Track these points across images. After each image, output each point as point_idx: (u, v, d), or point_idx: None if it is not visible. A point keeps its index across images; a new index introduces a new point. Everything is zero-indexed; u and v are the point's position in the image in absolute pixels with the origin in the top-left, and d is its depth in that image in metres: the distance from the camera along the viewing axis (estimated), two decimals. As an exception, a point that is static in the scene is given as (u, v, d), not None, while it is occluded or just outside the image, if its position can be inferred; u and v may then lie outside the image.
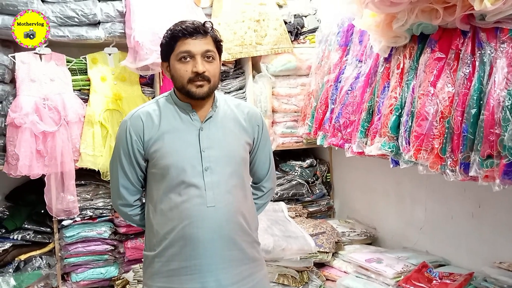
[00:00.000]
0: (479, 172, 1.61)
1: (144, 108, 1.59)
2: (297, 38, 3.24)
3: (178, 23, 1.53)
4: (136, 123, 1.55)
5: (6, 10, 2.57)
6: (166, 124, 1.54)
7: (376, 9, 1.92)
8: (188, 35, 1.49)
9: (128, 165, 1.56)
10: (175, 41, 1.50)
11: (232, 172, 1.56)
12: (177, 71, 1.52)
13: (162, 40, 1.56)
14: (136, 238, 2.99)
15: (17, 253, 2.77)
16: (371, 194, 3.05)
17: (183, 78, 1.51)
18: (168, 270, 1.51)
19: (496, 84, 1.57)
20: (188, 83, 1.50)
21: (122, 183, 1.59)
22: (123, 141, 1.55)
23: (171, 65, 1.54)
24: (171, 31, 1.52)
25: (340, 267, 2.63)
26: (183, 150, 1.52)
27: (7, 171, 2.64)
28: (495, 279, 1.96)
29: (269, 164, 1.78)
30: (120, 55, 2.91)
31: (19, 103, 2.60)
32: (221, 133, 1.57)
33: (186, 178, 1.49)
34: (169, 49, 1.52)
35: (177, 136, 1.53)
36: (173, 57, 1.52)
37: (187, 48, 1.49)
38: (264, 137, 1.73)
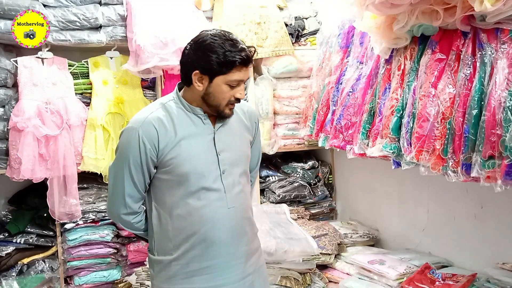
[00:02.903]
0: (480, 173, 1.61)
1: (153, 114, 1.52)
2: (298, 40, 3.25)
3: (234, 44, 1.46)
4: (149, 130, 1.48)
5: (8, 14, 2.58)
6: (181, 130, 1.51)
7: (377, 11, 1.92)
8: (244, 64, 1.48)
9: (137, 173, 1.51)
10: (231, 66, 1.46)
11: (241, 172, 1.62)
12: (221, 93, 1.49)
13: (207, 51, 1.45)
14: (139, 241, 2.99)
15: (20, 256, 2.78)
16: (373, 195, 3.05)
17: (224, 100, 1.51)
18: (188, 271, 1.54)
19: (497, 85, 1.57)
20: (226, 105, 1.52)
21: (128, 192, 1.54)
22: (135, 150, 1.49)
23: (213, 83, 1.48)
24: (229, 54, 1.44)
25: (343, 269, 2.63)
26: (201, 156, 1.52)
27: (10, 175, 2.65)
28: (498, 280, 1.96)
29: (259, 156, 1.87)
30: (121, 58, 2.93)
31: (21, 107, 2.61)
32: (231, 135, 1.60)
33: (206, 183, 1.51)
34: (220, 71, 1.46)
35: (193, 141, 1.52)
36: (221, 78, 1.47)
37: (241, 77, 1.49)
38: (259, 132, 1.81)
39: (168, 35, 2.74)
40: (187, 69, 1.50)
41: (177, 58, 2.78)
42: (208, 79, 1.48)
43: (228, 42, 1.46)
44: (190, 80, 1.50)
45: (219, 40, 1.45)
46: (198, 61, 1.47)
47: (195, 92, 1.52)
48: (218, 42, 1.45)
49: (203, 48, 1.46)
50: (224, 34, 1.48)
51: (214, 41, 1.45)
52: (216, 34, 1.47)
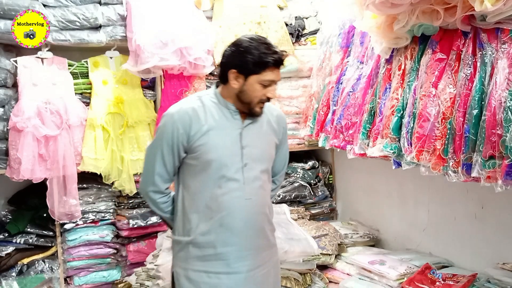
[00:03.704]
0: (481, 173, 1.60)
1: (189, 104, 1.67)
2: (298, 40, 3.25)
3: (268, 47, 1.60)
4: (183, 117, 1.63)
5: (8, 15, 2.58)
6: (212, 121, 1.65)
7: (377, 11, 1.92)
8: (277, 65, 1.62)
9: (168, 155, 1.65)
10: (264, 67, 1.60)
11: (263, 169, 1.73)
12: (254, 92, 1.63)
13: (244, 52, 1.59)
14: (138, 241, 2.99)
15: (20, 256, 2.78)
16: (373, 195, 3.05)
17: (256, 98, 1.64)
18: (203, 255, 1.66)
19: (497, 85, 1.57)
20: (257, 103, 1.66)
21: (158, 171, 1.67)
22: (169, 132, 1.63)
23: (248, 82, 1.62)
24: (264, 55, 1.58)
25: (343, 269, 2.62)
26: (226, 147, 1.65)
27: (10, 175, 2.65)
28: (499, 280, 1.96)
29: (285, 161, 1.96)
30: (121, 58, 2.92)
31: (21, 107, 2.61)
32: (257, 133, 1.73)
33: (227, 173, 1.64)
34: (255, 70, 1.60)
35: (221, 133, 1.65)
36: (255, 78, 1.61)
37: (273, 78, 1.63)
38: (286, 137, 1.93)
39: (168, 35, 2.74)
40: (225, 68, 1.65)
41: (177, 58, 2.78)
42: (243, 77, 1.62)
43: (263, 45, 1.60)
44: (227, 78, 1.64)
45: (255, 43, 1.60)
46: (235, 61, 1.62)
47: (230, 90, 1.65)
48: (254, 45, 1.59)
49: (240, 49, 1.61)
50: (260, 39, 1.63)
51: (250, 44, 1.60)
52: (253, 38, 1.62)
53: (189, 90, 2.97)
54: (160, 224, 2.99)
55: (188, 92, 2.97)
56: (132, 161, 2.88)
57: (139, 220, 2.92)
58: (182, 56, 2.80)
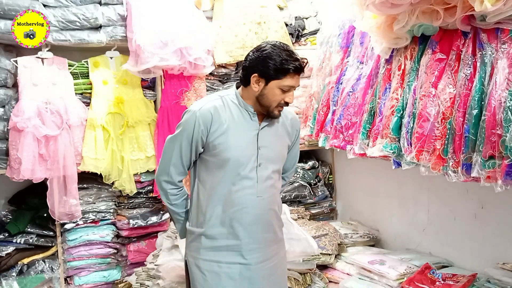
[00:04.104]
0: (481, 173, 1.61)
1: (212, 103, 1.74)
2: (298, 40, 3.25)
3: (290, 54, 1.67)
4: (205, 114, 1.70)
5: (9, 15, 2.58)
6: (231, 121, 1.73)
7: (377, 11, 1.92)
8: (298, 72, 1.69)
9: (187, 148, 1.72)
10: (285, 73, 1.67)
11: (276, 169, 1.82)
12: (273, 96, 1.70)
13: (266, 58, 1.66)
14: (139, 241, 2.99)
15: (20, 256, 2.78)
16: (373, 195, 3.05)
17: (275, 102, 1.71)
18: (215, 246, 1.75)
19: (497, 85, 1.57)
20: (276, 107, 1.73)
21: (174, 162, 1.75)
22: (190, 127, 1.70)
23: (268, 86, 1.69)
24: (285, 62, 1.65)
25: (343, 269, 2.62)
26: (243, 147, 1.73)
27: (10, 175, 2.65)
28: (499, 280, 1.96)
29: (295, 159, 2.05)
30: (121, 58, 2.92)
31: (21, 107, 2.61)
32: (273, 135, 1.81)
33: (243, 171, 1.72)
34: (276, 76, 1.67)
35: (240, 133, 1.73)
36: (275, 83, 1.68)
37: (293, 84, 1.70)
38: (298, 139, 2.01)
39: (168, 35, 2.74)
40: (248, 72, 1.72)
41: (177, 58, 2.78)
42: (264, 82, 1.69)
43: (285, 52, 1.67)
44: (249, 81, 1.72)
45: (277, 50, 1.67)
46: (257, 66, 1.69)
47: (251, 92, 1.73)
48: (277, 52, 1.66)
49: (263, 55, 1.68)
50: (282, 46, 1.69)
51: (273, 50, 1.67)
52: (276, 45, 1.69)
53: (189, 90, 2.97)
54: (160, 224, 2.99)
55: (188, 92, 2.97)
56: (132, 161, 2.88)
57: (139, 220, 2.92)
58: (182, 56, 2.80)
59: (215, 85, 3.11)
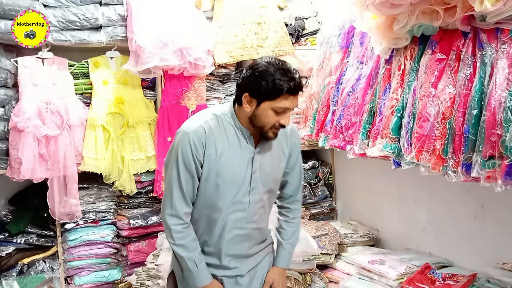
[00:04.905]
0: (481, 173, 1.61)
1: (206, 123, 1.62)
2: (298, 40, 3.25)
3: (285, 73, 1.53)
4: (201, 136, 1.59)
5: (9, 15, 2.58)
6: (226, 144, 1.63)
7: (377, 11, 1.93)
8: (293, 93, 1.55)
9: (185, 174, 1.61)
10: (278, 93, 1.53)
11: (267, 190, 1.75)
12: (266, 117, 1.58)
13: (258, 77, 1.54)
14: (139, 241, 3.00)
15: (20, 256, 2.78)
16: (373, 195, 3.05)
17: (268, 124, 1.59)
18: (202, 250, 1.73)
19: (497, 85, 1.57)
20: (270, 129, 1.61)
21: (175, 191, 1.62)
22: (186, 152, 1.59)
23: (260, 107, 1.57)
24: (278, 81, 1.52)
25: (343, 269, 2.63)
26: (237, 172, 1.64)
27: (10, 175, 2.65)
28: (499, 280, 1.96)
29: (299, 180, 1.90)
30: (122, 58, 2.93)
31: (21, 107, 2.61)
32: (268, 158, 1.72)
33: (236, 196, 1.66)
34: (267, 96, 1.54)
35: (234, 157, 1.64)
36: (268, 104, 1.56)
37: (287, 105, 1.56)
38: (298, 154, 1.87)
39: (168, 35, 2.74)
40: (239, 90, 1.61)
41: (177, 58, 2.78)
42: (256, 102, 1.57)
43: (279, 71, 1.54)
44: (241, 101, 1.61)
45: (271, 68, 1.54)
46: (249, 85, 1.57)
47: (244, 112, 1.62)
48: (270, 70, 1.53)
49: (255, 73, 1.56)
50: (278, 63, 1.56)
51: (266, 68, 1.54)
52: (270, 62, 1.56)
53: (189, 90, 2.98)
54: (160, 224, 2.99)
55: (188, 92, 2.97)
56: (132, 161, 2.88)
57: (140, 220, 2.92)
58: (182, 56, 2.80)
59: (215, 85, 3.11)
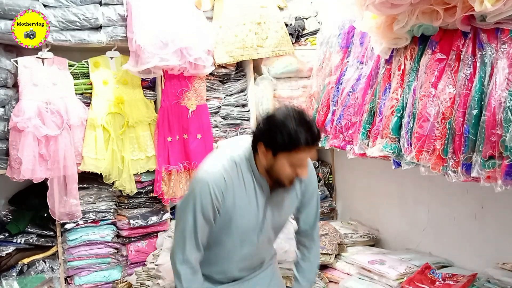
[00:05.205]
0: (481, 173, 1.61)
1: (226, 171, 1.57)
2: (298, 40, 3.25)
3: (303, 127, 1.46)
4: (220, 185, 1.54)
5: (9, 15, 2.58)
6: (243, 191, 1.59)
7: (377, 11, 1.93)
8: (310, 145, 1.49)
9: (202, 222, 1.56)
10: (295, 146, 1.46)
11: (277, 230, 1.77)
12: (282, 169, 1.52)
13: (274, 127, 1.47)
14: (139, 241, 2.99)
15: (20, 256, 2.78)
16: (373, 195, 3.05)
17: (285, 176, 1.54)
18: None
19: (497, 85, 1.57)
20: (286, 181, 1.56)
21: (188, 238, 1.57)
22: (205, 201, 1.54)
23: (276, 158, 1.51)
24: (295, 134, 1.45)
25: (343, 269, 2.63)
26: (250, 216, 1.63)
27: (10, 175, 2.65)
28: (499, 280, 1.96)
29: (314, 217, 1.86)
30: (122, 58, 2.92)
31: (21, 107, 2.61)
32: (281, 201, 1.70)
33: (246, 237, 1.65)
34: (283, 148, 1.48)
35: (248, 204, 1.61)
36: (284, 155, 1.49)
37: (304, 158, 1.51)
38: (313, 189, 1.81)
39: (168, 35, 2.74)
40: (256, 139, 1.56)
41: (177, 58, 2.78)
42: (271, 153, 1.51)
43: (297, 122, 1.46)
44: (257, 150, 1.56)
45: (288, 119, 1.46)
46: (265, 135, 1.51)
47: (260, 162, 1.57)
48: (287, 121, 1.46)
49: (272, 123, 1.49)
50: (295, 114, 1.48)
51: (284, 119, 1.47)
52: (288, 113, 1.48)
53: (189, 90, 2.98)
54: (160, 224, 2.99)
55: (188, 92, 2.97)
56: (132, 161, 2.88)
57: (140, 220, 2.92)
58: (183, 56, 2.80)
59: (215, 85, 3.11)
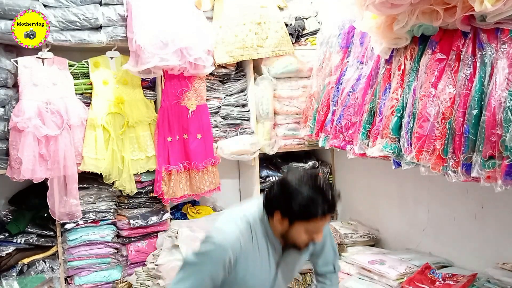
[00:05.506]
0: (481, 173, 1.61)
1: (242, 235, 1.55)
2: (298, 40, 3.25)
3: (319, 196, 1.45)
4: (235, 247, 1.52)
5: (9, 15, 2.58)
6: (256, 253, 1.59)
7: (377, 11, 1.93)
8: (327, 214, 1.48)
9: (209, 281, 1.53)
10: (312, 216, 1.46)
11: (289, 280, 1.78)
12: (299, 236, 1.52)
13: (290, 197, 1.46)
14: (139, 241, 2.99)
15: (20, 256, 2.78)
16: (373, 195, 3.05)
17: (301, 242, 1.54)
18: None
19: (497, 85, 1.57)
20: (302, 245, 1.56)
21: None
22: (217, 265, 1.51)
23: (293, 226, 1.50)
24: (312, 204, 1.44)
25: (343, 269, 2.62)
26: (262, 275, 1.62)
27: (10, 175, 2.65)
28: (499, 280, 1.96)
29: (332, 255, 1.89)
30: (122, 58, 2.92)
31: (21, 107, 2.61)
32: (293, 260, 1.71)
33: None
34: (300, 217, 1.47)
35: (261, 264, 1.61)
36: (301, 224, 1.49)
37: (321, 226, 1.51)
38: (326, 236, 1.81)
39: (168, 35, 2.74)
40: (270, 206, 1.54)
41: (177, 58, 2.78)
42: (287, 221, 1.50)
43: (313, 191, 1.45)
44: (272, 215, 1.54)
45: (304, 187, 1.45)
46: (280, 203, 1.49)
47: (276, 226, 1.56)
48: (304, 190, 1.44)
49: (288, 191, 1.47)
50: (310, 181, 1.47)
51: (299, 187, 1.45)
52: (304, 180, 1.47)
53: (189, 90, 2.98)
54: (160, 224, 2.99)
55: (188, 92, 2.97)
56: (132, 161, 2.88)
57: (140, 220, 2.92)
58: (183, 56, 2.81)
59: (215, 85, 3.12)
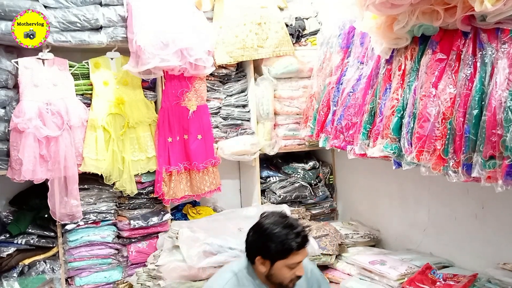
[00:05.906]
0: (481, 173, 1.61)
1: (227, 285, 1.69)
2: (299, 41, 3.25)
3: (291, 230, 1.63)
4: None
5: (9, 16, 2.58)
6: None
7: (377, 11, 1.92)
8: (302, 247, 1.65)
9: None
10: (289, 252, 1.63)
11: None
12: (283, 274, 1.66)
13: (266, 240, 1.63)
14: (140, 241, 3.00)
15: (21, 257, 2.78)
16: (374, 196, 3.05)
17: (287, 279, 1.68)
18: None
19: (497, 85, 1.57)
20: (289, 282, 1.69)
21: None
22: None
23: (275, 267, 1.66)
24: (286, 241, 1.61)
25: (344, 269, 2.62)
26: None
27: (11, 176, 2.65)
28: (499, 281, 1.96)
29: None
30: (122, 59, 2.93)
31: (22, 108, 2.62)
32: None
33: None
34: (279, 256, 1.63)
35: None
36: (281, 262, 1.64)
37: (299, 259, 1.66)
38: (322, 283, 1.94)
39: (169, 35, 2.74)
40: (250, 252, 1.71)
41: (177, 59, 2.78)
42: (269, 263, 1.67)
43: (285, 229, 1.63)
44: (254, 261, 1.70)
45: (277, 228, 1.64)
46: (259, 248, 1.67)
47: (259, 271, 1.71)
48: (276, 230, 1.63)
49: (263, 236, 1.66)
50: (281, 221, 1.66)
51: (272, 230, 1.64)
52: (275, 222, 1.66)
53: (189, 90, 2.98)
54: (161, 225, 2.99)
55: (188, 93, 2.97)
56: (133, 162, 2.88)
57: (140, 220, 2.92)
58: (183, 57, 2.81)
59: (216, 86, 3.12)
